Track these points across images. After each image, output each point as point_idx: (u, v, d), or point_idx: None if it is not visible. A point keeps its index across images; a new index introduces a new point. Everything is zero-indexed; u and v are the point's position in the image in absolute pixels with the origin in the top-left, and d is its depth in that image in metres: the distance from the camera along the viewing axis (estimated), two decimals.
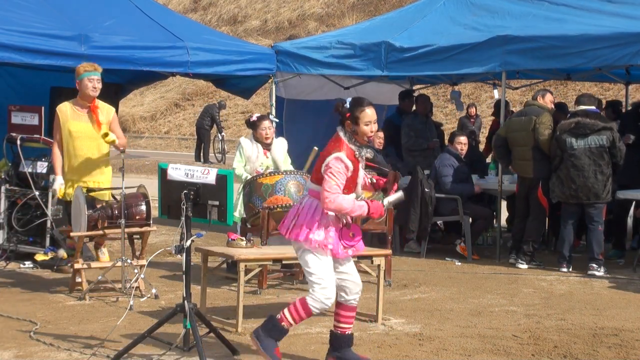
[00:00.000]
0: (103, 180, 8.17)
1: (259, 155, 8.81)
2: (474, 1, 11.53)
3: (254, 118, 8.96)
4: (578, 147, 9.47)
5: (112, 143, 7.87)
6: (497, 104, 13.51)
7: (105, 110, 8.17)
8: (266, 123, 8.87)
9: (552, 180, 9.65)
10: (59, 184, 8.06)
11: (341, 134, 5.49)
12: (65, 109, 8.11)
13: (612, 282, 9.09)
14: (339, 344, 5.71)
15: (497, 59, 10.20)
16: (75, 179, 8.05)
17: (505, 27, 10.40)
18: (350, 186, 5.47)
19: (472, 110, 19.13)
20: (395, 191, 5.62)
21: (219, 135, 25.98)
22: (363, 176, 5.59)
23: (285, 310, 5.50)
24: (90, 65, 8.10)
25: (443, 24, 11.29)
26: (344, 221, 5.50)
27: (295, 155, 9.53)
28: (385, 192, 5.65)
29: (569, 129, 9.56)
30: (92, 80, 8.01)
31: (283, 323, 5.47)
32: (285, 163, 8.93)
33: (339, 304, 5.70)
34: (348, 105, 5.53)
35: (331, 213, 5.42)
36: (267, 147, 8.87)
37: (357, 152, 5.46)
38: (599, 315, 7.48)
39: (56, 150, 8.15)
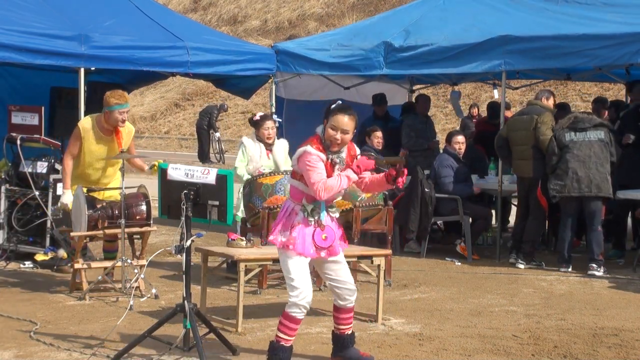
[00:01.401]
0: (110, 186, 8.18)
1: (261, 155, 8.82)
2: (475, 2, 11.54)
3: (257, 117, 8.98)
4: (578, 139, 9.50)
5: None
6: (491, 106, 13.46)
7: (126, 131, 8.09)
8: (269, 123, 8.91)
9: (551, 179, 9.64)
10: (67, 200, 7.97)
11: (318, 129, 5.49)
12: (88, 128, 7.97)
13: (612, 282, 9.09)
14: (342, 344, 5.77)
15: (497, 58, 10.20)
16: (83, 184, 8.02)
17: (505, 28, 10.39)
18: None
19: (475, 111, 19.10)
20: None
21: (215, 135, 26.00)
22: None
23: (277, 330, 5.50)
24: (121, 97, 7.93)
25: (443, 24, 11.29)
26: (316, 222, 5.44)
27: None
28: (394, 180, 5.47)
29: (567, 124, 9.63)
30: (122, 113, 7.89)
31: (281, 342, 5.46)
32: (286, 164, 8.94)
33: (336, 308, 5.75)
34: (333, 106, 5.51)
35: (300, 214, 5.43)
36: (269, 147, 8.88)
37: (327, 154, 5.41)
38: (599, 315, 7.48)
39: (69, 163, 7.99)
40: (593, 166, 9.43)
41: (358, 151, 5.65)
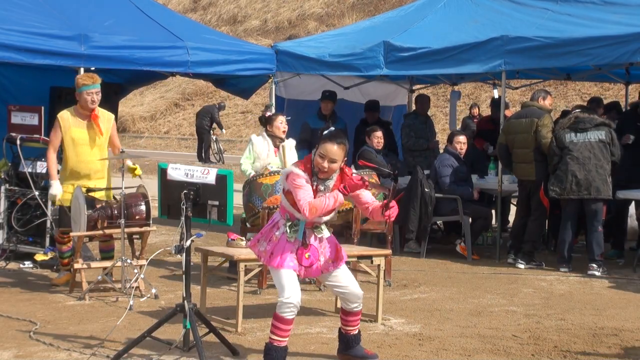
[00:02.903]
0: (103, 184, 8.16)
1: (269, 153, 8.88)
2: (475, 3, 11.54)
3: (269, 113, 9.09)
4: (578, 141, 9.48)
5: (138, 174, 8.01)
6: (495, 103, 13.41)
7: (105, 118, 8.13)
8: (282, 117, 9.06)
9: (551, 180, 9.64)
10: (58, 190, 8.01)
11: (313, 152, 5.53)
12: (66, 117, 8.05)
13: (611, 282, 9.09)
14: (347, 343, 5.86)
15: (497, 58, 10.18)
16: (75, 182, 8.02)
17: (505, 28, 10.38)
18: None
19: (475, 111, 19.10)
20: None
21: (214, 136, 26.00)
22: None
23: (270, 332, 5.52)
24: (89, 78, 8.03)
25: (443, 25, 11.29)
26: (297, 240, 5.50)
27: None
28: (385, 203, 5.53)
29: (568, 124, 9.60)
30: (90, 94, 7.95)
31: (275, 344, 5.48)
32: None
33: (343, 310, 5.83)
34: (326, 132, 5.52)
35: (281, 228, 5.50)
36: (277, 145, 8.94)
37: (313, 180, 5.44)
38: (598, 315, 7.48)
39: (52, 155, 8.08)
40: (593, 168, 9.42)
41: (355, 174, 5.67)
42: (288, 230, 5.48)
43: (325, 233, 5.63)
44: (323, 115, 11.93)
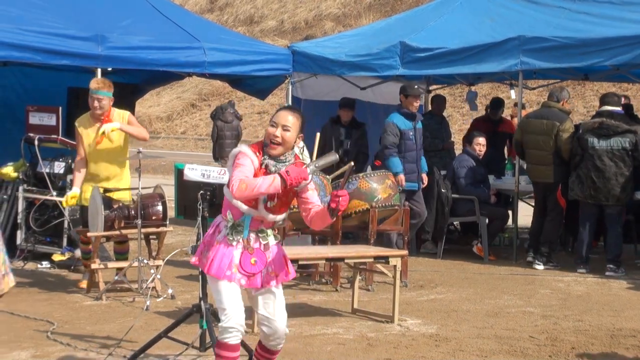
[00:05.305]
0: (121, 185, 8.15)
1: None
2: (491, 2, 11.50)
3: None
4: (600, 147, 9.41)
5: (103, 134, 7.81)
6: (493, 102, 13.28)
7: (120, 117, 8.05)
8: None
9: (572, 178, 9.60)
10: (71, 192, 8.00)
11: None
12: (82, 121, 8.05)
13: (630, 283, 9.04)
14: None
15: (513, 58, 10.14)
16: (93, 183, 8.02)
17: (522, 27, 10.35)
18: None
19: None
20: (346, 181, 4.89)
21: None
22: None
23: None
24: (96, 83, 8.01)
25: (460, 24, 11.25)
26: (239, 243, 4.72)
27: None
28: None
29: (592, 128, 9.51)
30: (93, 99, 7.90)
31: None
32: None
33: (261, 345, 4.94)
34: None
35: (223, 231, 4.73)
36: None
37: (263, 159, 4.67)
38: (616, 316, 7.45)
39: (76, 163, 8.09)
40: (612, 176, 9.35)
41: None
42: (230, 232, 4.70)
43: (271, 240, 4.81)
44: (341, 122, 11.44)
